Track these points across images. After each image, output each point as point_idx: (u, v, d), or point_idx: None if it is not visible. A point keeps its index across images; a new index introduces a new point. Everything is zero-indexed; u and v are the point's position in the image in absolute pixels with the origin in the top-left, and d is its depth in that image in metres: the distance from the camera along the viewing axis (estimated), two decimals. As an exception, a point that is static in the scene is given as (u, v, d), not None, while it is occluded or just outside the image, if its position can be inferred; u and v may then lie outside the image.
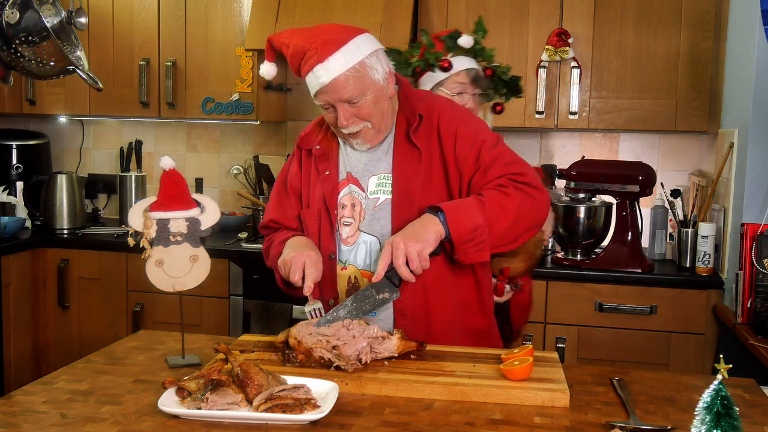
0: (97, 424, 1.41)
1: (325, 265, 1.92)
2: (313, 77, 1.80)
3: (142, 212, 1.72)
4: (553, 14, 3.24)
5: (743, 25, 2.87)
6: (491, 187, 1.83)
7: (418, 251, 1.71)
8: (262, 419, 1.42)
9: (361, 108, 1.83)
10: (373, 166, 1.93)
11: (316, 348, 1.65)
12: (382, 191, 1.92)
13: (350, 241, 1.93)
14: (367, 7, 3.22)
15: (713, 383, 1.07)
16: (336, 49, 1.79)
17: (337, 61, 1.78)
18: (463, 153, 1.87)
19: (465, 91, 2.36)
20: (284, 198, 2.05)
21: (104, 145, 4.20)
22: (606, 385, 1.67)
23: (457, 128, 1.89)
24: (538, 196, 1.85)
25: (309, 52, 1.80)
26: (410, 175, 1.89)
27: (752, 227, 2.57)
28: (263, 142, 3.97)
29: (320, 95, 1.83)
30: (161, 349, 1.89)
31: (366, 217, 1.92)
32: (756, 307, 2.52)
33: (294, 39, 1.85)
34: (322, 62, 1.78)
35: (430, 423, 1.44)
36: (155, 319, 3.45)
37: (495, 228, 1.79)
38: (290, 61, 1.86)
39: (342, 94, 1.80)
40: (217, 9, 3.57)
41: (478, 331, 1.98)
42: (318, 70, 1.78)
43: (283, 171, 2.09)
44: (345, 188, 1.95)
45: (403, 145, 1.91)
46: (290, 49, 1.85)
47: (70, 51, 2.26)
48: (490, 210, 1.78)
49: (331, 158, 1.97)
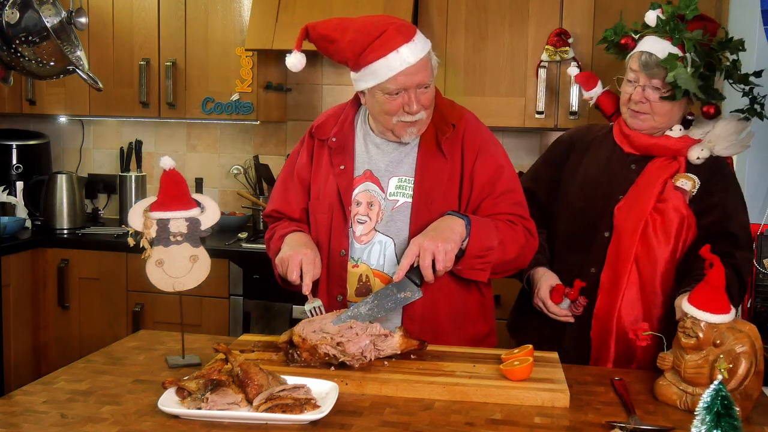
0: (97, 424, 1.41)
1: (335, 261, 1.91)
2: (397, 57, 1.76)
3: (142, 212, 1.72)
4: (553, 14, 3.24)
5: (743, 25, 2.86)
6: (503, 220, 1.87)
7: (447, 251, 1.72)
8: (262, 419, 1.42)
9: (426, 95, 1.83)
10: (394, 167, 1.92)
11: (321, 345, 1.65)
12: (401, 194, 1.90)
13: (364, 240, 1.92)
14: (367, 7, 3.22)
15: (713, 383, 1.07)
16: (414, 33, 1.79)
17: (420, 43, 1.79)
18: (481, 171, 1.89)
19: (637, 79, 2.01)
20: (290, 188, 2.02)
21: (104, 145, 4.20)
22: (606, 385, 1.67)
23: (481, 146, 1.91)
24: (532, 242, 1.93)
25: (387, 33, 1.76)
26: (433, 181, 1.88)
27: (752, 227, 2.57)
28: (263, 142, 3.97)
29: (400, 78, 1.78)
30: (161, 349, 1.89)
31: (383, 218, 1.90)
32: (756, 307, 2.52)
33: (353, 24, 1.80)
34: (408, 42, 1.76)
35: (430, 423, 1.44)
36: (155, 319, 3.45)
37: (501, 256, 1.84)
38: (349, 46, 1.79)
39: (423, 78, 1.80)
40: (217, 9, 3.57)
41: (479, 337, 2.00)
42: (403, 49, 1.76)
43: (291, 160, 2.06)
44: (361, 185, 1.93)
45: (431, 150, 1.90)
46: (349, 33, 1.79)
47: (70, 51, 2.26)
48: (503, 239, 1.83)
49: (347, 152, 1.94)
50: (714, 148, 2.04)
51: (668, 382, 1.58)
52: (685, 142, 2.03)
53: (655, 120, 2.03)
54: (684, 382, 1.55)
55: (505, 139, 3.66)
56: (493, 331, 2.06)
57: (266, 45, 3.33)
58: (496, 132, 2.07)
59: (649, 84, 1.99)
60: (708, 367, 1.51)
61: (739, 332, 1.50)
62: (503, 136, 3.66)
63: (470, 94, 3.31)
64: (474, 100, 3.28)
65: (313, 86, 3.88)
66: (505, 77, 3.30)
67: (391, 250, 1.89)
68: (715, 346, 1.50)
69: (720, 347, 1.50)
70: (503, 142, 3.68)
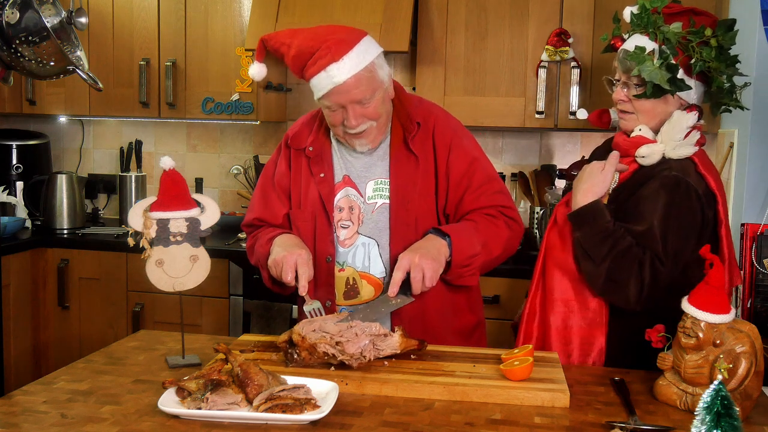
0: (97, 424, 1.41)
1: (322, 267, 1.93)
2: (326, 77, 1.77)
3: (142, 212, 1.72)
4: (553, 14, 3.24)
5: (743, 25, 2.86)
6: (483, 216, 1.91)
7: (434, 269, 1.78)
8: (262, 419, 1.42)
9: (369, 107, 1.83)
10: (370, 171, 1.95)
11: (320, 343, 1.65)
12: (379, 196, 1.94)
13: (347, 243, 1.95)
14: (367, 8, 3.22)
15: (713, 383, 1.07)
16: (349, 49, 1.78)
17: (351, 60, 1.78)
18: (455, 165, 1.93)
19: (619, 78, 1.97)
20: (271, 196, 2.03)
21: (104, 145, 4.20)
22: (606, 385, 1.67)
23: (452, 140, 1.94)
24: (517, 230, 1.97)
25: (320, 51, 1.78)
26: (407, 181, 1.92)
27: (752, 227, 2.57)
28: (263, 142, 3.97)
29: (332, 96, 1.80)
30: (161, 349, 1.89)
31: (364, 221, 1.93)
32: (756, 307, 2.52)
33: (297, 39, 1.82)
34: (337, 61, 1.76)
35: (430, 423, 1.44)
36: (155, 319, 3.45)
37: (487, 257, 1.89)
38: (292, 62, 1.83)
39: (355, 95, 1.80)
40: (217, 9, 3.57)
41: (467, 329, 2.03)
42: (332, 69, 1.76)
43: (268, 169, 2.07)
44: (342, 191, 1.96)
45: (401, 151, 1.93)
46: (293, 49, 1.81)
47: (70, 51, 2.26)
48: (486, 240, 1.87)
49: (325, 160, 1.97)
50: (665, 149, 1.91)
51: (668, 382, 1.58)
52: (636, 141, 1.93)
53: (639, 119, 1.95)
54: (684, 382, 1.55)
55: (505, 139, 3.66)
56: (481, 322, 2.09)
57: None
58: (495, 132, 2.08)
59: (629, 81, 1.94)
60: (708, 367, 1.51)
61: (739, 332, 1.50)
62: (503, 136, 3.66)
63: (470, 94, 3.31)
64: (474, 100, 3.29)
65: (313, 86, 3.88)
66: (505, 77, 3.30)
67: (375, 252, 1.93)
68: (715, 346, 1.50)
69: (720, 347, 1.50)
70: (503, 142, 3.69)
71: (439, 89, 3.33)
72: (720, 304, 1.51)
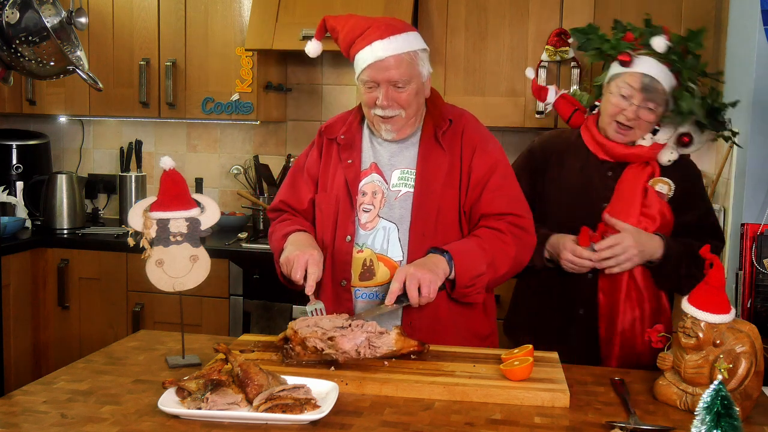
0: (97, 424, 1.41)
1: (341, 246, 1.97)
2: (370, 51, 1.88)
3: (142, 212, 1.72)
4: (553, 14, 3.24)
5: (743, 26, 2.86)
6: (491, 231, 1.93)
7: (431, 281, 1.80)
8: (262, 419, 1.42)
9: (402, 94, 1.91)
10: (397, 160, 2.01)
11: (310, 338, 1.66)
12: (404, 184, 1.99)
13: (369, 226, 1.98)
14: (367, 8, 3.22)
15: (713, 383, 1.07)
16: (398, 32, 1.90)
17: (396, 42, 1.89)
18: (478, 165, 1.98)
19: (632, 96, 2.11)
20: (299, 181, 2.11)
21: (104, 145, 4.19)
22: (606, 385, 1.67)
23: (478, 143, 2.01)
24: (528, 241, 1.99)
25: (370, 29, 1.90)
26: (433, 172, 1.97)
27: (752, 227, 2.57)
28: (263, 142, 3.97)
29: (371, 70, 1.90)
30: (161, 349, 1.89)
31: (386, 205, 1.98)
32: (756, 307, 2.52)
33: (354, 18, 1.95)
34: (383, 39, 1.88)
35: (430, 423, 1.44)
36: (155, 319, 3.45)
37: (493, 276, 1.91)
38: (343, 38, 1.94)
39: (393, 75, 1.89)
40: (217, 9, 3.57)
41: (480, 337, 2.04)
42: (376, 45, 1.88)
43: (301, 157, 2.16)
44: (368, 177, 2.01)
45: (430, 143, 1.99)
46: (347, 26, 1.93)
47: (70, 51, 2.26)
48: (492, 259, 1.90)
49: (354, 148, 2.04)
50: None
51: (668, 382, 1.58)
52: (655, 148, 2.18)
53: (637, 134, 2.16)
54: (684, 382, 1.55)
55: (505, 139, 3.66)
56: (494, 332, 2.10)
57: (266, 45, 3.33)
58: (495, 132, 2.09)
59: (645, 105, 2.11)
60: (708, 367, 1.51)
61: (739, 332, 1.50)
62: (503, 136, 3.65)
63: (470, 94, 3.31)
64: (474, 100, 3.29)
65: (313, 86, 3.88)
66: (505, 77, 3.30)
67: (395, 236, 1.97)
68: (715, 346, 1.51)
69: (720, 347, 1.50)
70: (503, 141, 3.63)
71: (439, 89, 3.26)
72: (720, 304, 1.51)
